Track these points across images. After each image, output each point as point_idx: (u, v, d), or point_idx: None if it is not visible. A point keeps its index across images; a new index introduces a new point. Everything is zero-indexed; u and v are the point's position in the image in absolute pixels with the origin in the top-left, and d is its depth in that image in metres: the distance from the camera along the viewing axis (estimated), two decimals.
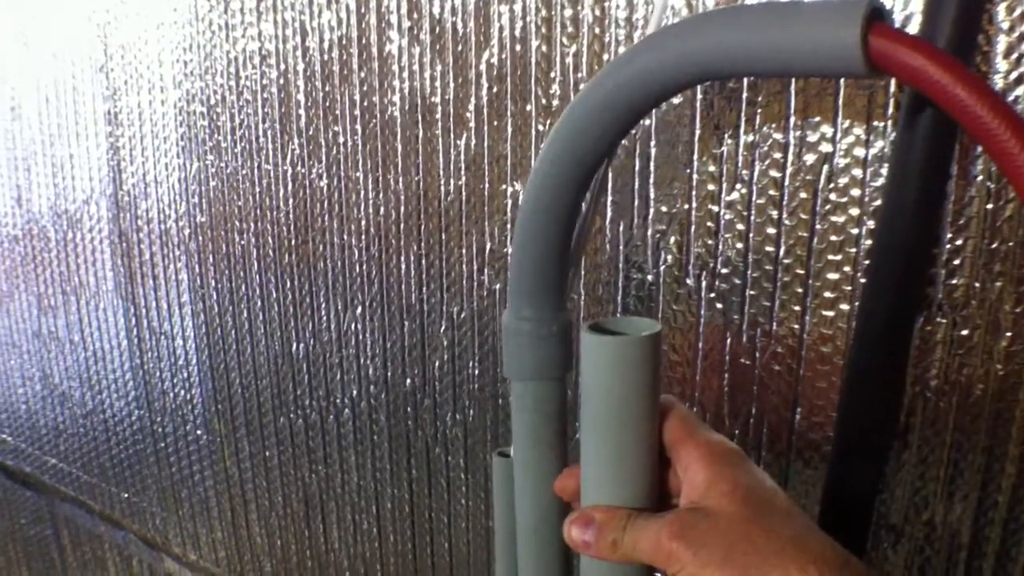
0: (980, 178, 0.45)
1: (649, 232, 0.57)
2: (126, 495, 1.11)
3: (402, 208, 0.70)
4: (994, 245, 0.46)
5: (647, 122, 0.55)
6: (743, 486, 0.36)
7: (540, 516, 0.48)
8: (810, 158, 0.50)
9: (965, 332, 0.48)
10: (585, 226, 0.46)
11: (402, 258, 0.71)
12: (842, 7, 0.33)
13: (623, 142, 0.52)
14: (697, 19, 0.38)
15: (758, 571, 0.34)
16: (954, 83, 0.31)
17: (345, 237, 0.74)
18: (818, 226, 0.50)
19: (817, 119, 0.49)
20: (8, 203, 1.09)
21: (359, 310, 0.75)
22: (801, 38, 0.33)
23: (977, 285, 0.47)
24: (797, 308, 0.52)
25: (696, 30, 0.37)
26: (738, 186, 0.52)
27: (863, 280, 0.49)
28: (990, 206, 0.45)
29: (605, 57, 0.56)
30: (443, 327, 0.70)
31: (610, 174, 0.57)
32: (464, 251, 0.67)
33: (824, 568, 0.33)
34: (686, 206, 0.55)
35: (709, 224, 0.54)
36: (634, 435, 0.41)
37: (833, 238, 0.50)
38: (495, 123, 0.62)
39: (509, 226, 0.64)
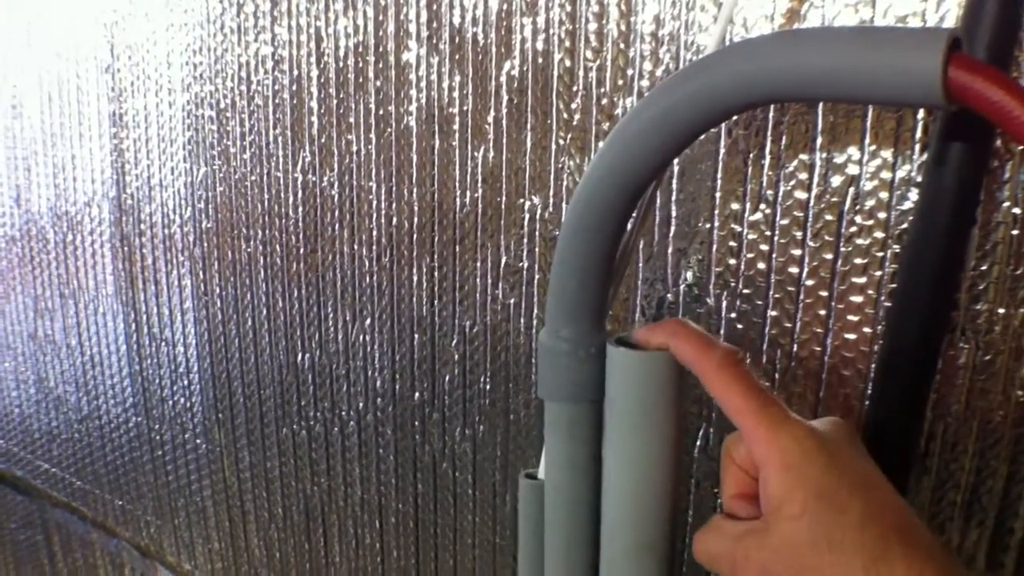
0: (1007, 204, 0.45)
1: (670, 249, 0.56)
2: (120, 502, 1.09)
3: (415, 219, 0.69)
4: (1019, 271, 0.45)
5: None
6: (812, 505, 0.35)
7: (571, 542, 0.47)
8: (836, 180, 0.49)
9: (988, 358, 0.47)
10: (629, 246, 0.45)
11: (414, 270, 0.70)
12: (923, 34, 0.32)
13: None
14: (763, 40, 0.37)
15: None
16: None
17: (355, 247, 0.73)
18: (843, 248, 0.50)
19: (844, 140, 0.49)
20: (7, 203, 1.07)
21: (368, 321, 0.74)
22: (877, 64, 0.32)
23: (1001, 311, 0.46)
24: (819, 330, 0.51)
25: (763, 51, 0.35)
26: (762, 206, 0.52)
27: (887, 304, 0.49)
28: (1016, 232, 0.45)
29: (629, 72, 0.55)
30: (454, 340, 0.69)
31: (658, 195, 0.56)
32: (479, 264, 0.66)
33: None
34: (708, 224, 0.54)
35: (731, 243, 0.54)
36: (658, 447, 0.42)
37: (858, 261, 0.49)
38: (514, 136, 0.62)
39: (526, 240, 0.63)
